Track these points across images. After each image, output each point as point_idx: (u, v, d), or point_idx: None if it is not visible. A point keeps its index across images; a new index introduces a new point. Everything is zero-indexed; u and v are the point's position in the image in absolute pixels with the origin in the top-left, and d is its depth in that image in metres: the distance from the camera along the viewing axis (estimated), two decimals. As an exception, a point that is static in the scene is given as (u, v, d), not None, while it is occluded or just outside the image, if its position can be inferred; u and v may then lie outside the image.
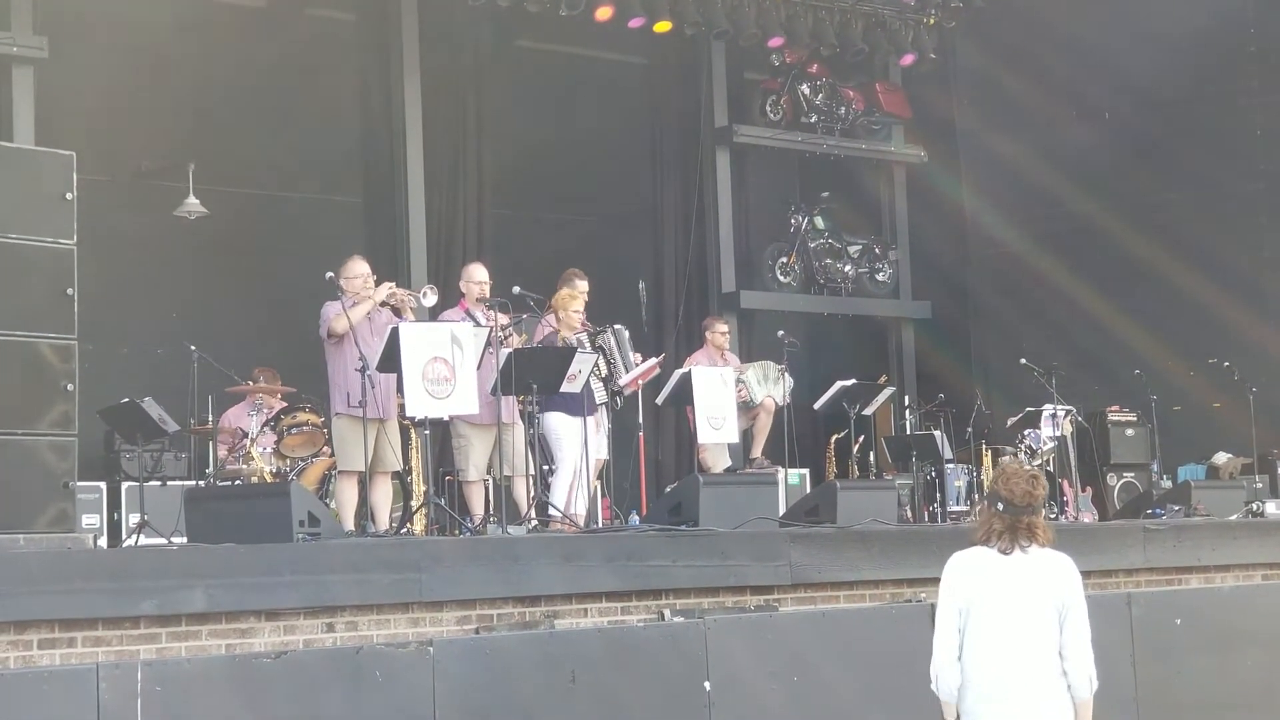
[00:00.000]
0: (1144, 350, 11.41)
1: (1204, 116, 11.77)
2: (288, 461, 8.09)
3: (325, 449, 8.05)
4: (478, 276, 7.98)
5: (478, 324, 7.61)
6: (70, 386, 5.65)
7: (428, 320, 7.61)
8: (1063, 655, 4.32)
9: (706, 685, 6.24)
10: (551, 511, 7.74)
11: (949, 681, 4.37)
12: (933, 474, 9.96)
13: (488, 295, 7.87)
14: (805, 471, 10.40)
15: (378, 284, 7.50)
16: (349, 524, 7.20)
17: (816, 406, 9.78)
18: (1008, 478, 4.42)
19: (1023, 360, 10.24)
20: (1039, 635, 4.31)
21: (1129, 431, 11.17)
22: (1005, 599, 4.33)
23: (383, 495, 7.47)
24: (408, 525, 7.77)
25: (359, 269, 7.52)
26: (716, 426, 8.12)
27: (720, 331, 9.82)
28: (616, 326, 8.49)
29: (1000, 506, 4.40)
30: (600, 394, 8.16)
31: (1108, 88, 12.24)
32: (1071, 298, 12.24)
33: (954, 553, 4.49)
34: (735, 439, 8.73)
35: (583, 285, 8.33)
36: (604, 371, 8.29)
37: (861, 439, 9.91)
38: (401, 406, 7.37)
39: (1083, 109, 12.43)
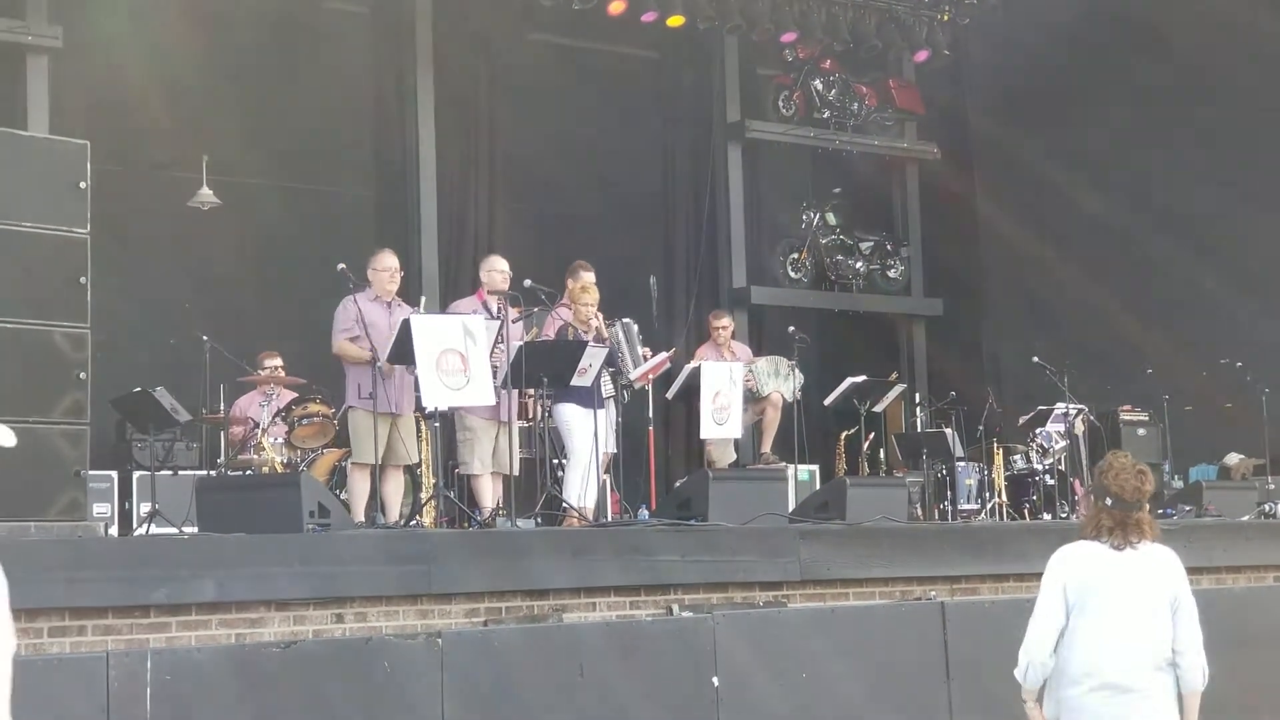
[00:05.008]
0: (1156, 350, 11.38)
1: (1218, 114, 11.72)
2: (298, 452, 8.10)
3: (336, 440, 8.06)
4: (501, 266, 7.97)
5: (490, 316, 7.61)
6: (83, 375, 5.67)
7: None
8: (1177, 649, 4.30)
9: (715, 681, 6.23)
10: (565, 505, 7.73)
11: (1040, 672, 4.30)
12: (943, 472, 9.94)
13: (508, 287, 7.86)
14: (815, 468, 10.39)
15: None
16: (359, 515, 7.21)
17: (827, 403, 9.77)
18: (1116, 473, 4.32)
19: (1035, 358, 10.20)
20: (1158, 630, 4.29)
21: (1141, 431, 11.14)
22: (1125, 595, 4.28)
23: (394, 488, 7.48)
24: (417, 518, 7.78)
25: (388, 262, 7.53)
26: (720, 422, 8.10)
27: (716, 327, 9.78)
28: (625, 321, 8.48)
29: (1109, 502, 4.31)
30: (607, 387, 8.15)
31: (1120, 85, 12.19)
32: (1084, 296, 12.20)
33: (1060, 546, 4.39)
34: (739, 434, 8.70)
35: (588, 276, 8.31)
36: (611, 365, 8.27)
37: (872, 436, 9.89)
38: (417, 398, 7.38)
39: (1095, 107, 12.39)
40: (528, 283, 7.84)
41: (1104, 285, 11.98)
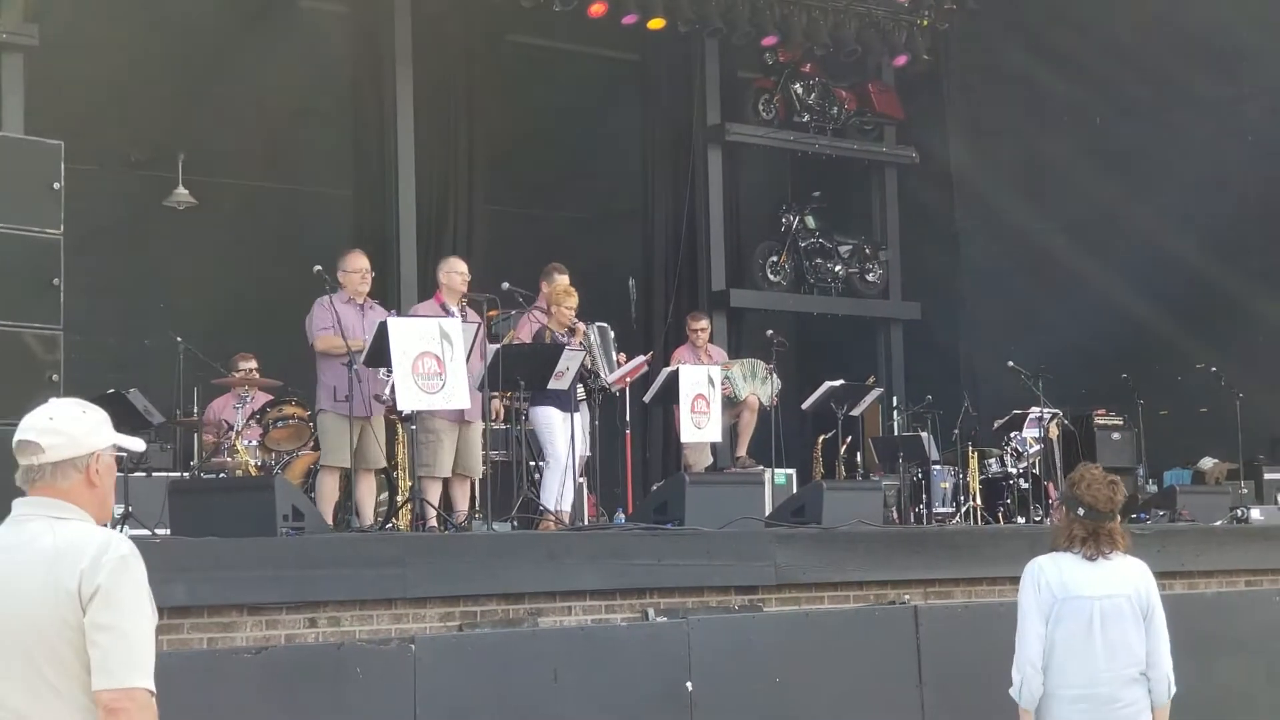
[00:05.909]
0: (1131, 354, 11.43)
1: (1186, 120, 11.78)
2: (273, 455, 8.06)
3: (310, 442, 8.03)
4: (460, 268, 7.85)
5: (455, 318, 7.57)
6: (55, 377, 5.63)
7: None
8: (1146, 661, 4.33)
9: (689, 685, 6.24)
10: (541, 508, 7.71)
11: (1034, 689, 4.30)
12: (919, 475, 9.98)
13: (466, 289, 7.77)
14: (792, 471, 10.40)
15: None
16: (328, 519, 7.18)
17: (804, 406, 9.79)
18: (1089, 484, 4.32)
19: (1010, 363, 10.25)
20: (1133, 641, 4.31)
21: (1115, 435, 11.19)
22: (1098, 606, 4.29)
23: (367, 491, 7.46)
24: (392, 521, 7.75)
25: (359, 263, 7.49)
26: (700, 425, 8.10)
27: (693, 329, 9.79)
28: (599, 324, 8.47)
29: (1081, 512, 4.31)
30: (579, 391, 8.13)
31: (1097, 92, 12.25)
32: (1060, 301, 12.25)
33: (1033, 558, 4.39)
34: (718, 438, 8.70)
35: (563, 280, 8.28)
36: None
37: (849, 440, 9.91)
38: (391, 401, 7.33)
39: (1072, 113, 12.45)
40: (505, 285, 7.82)
41: (1080, 289, 12.04)
